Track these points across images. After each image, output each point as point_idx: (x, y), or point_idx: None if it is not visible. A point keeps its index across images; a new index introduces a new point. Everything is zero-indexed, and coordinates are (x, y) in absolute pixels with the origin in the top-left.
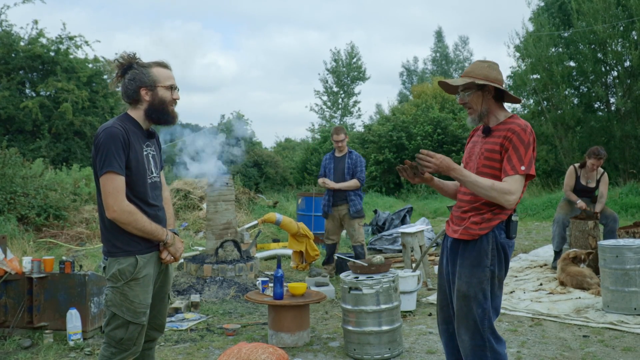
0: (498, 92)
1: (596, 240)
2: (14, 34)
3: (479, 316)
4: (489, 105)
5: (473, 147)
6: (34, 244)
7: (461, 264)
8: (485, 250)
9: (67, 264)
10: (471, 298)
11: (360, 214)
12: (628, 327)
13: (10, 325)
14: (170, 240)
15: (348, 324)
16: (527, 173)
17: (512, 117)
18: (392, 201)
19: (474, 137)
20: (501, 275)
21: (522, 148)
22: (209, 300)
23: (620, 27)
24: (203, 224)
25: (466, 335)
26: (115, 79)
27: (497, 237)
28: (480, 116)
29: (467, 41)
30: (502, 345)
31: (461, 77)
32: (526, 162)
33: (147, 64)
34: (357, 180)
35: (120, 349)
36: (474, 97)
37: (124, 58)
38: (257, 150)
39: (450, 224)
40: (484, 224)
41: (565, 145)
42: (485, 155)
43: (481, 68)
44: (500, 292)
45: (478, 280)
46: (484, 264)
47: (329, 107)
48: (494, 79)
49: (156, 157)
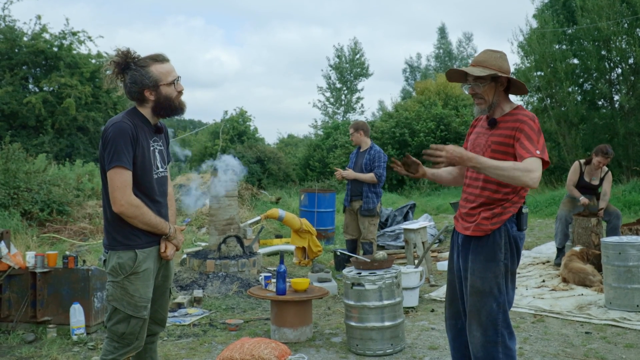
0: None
1: (599, 237)
2: (17, 30)
3: (494, 311)
4: (499, 97)
5: (477, 138)
6: (38, 239)
7: (474, 260)
8: (499, 245)
9: (70, 259)
10: (486, 293)
11: (371, 213)
12: (630, 324)
13: (14, 319)
14: (173, 234)
15: (350, 319)
16: (542, 157)
17: (518, 109)
18: (395, 197)
19: (477, 127)
20: (514, 269)
21: (533, 135)
22: (212, 296)
23: (625, 24)
24: (206, 220)
25: (478, 331)
26: (112, 76)
27: (509, 230)
28: (490, 107)
29: (470, 38)
30: (514, 341)
31: (474, 67)
32: (540, 147)
33: (144, 61)
34: (373, 175)
35: (122, 343)
36: (487, 88)
37: (119, 55)
38: (259, 146)
39: (459, 220)
40: (495, 218)
41: (569, 143)
42: (492, 148)
43: (495, 59)
44: (513, 285)
45: (493, 274)
46: (498, 258)
47: (332, 103)
48: (506, 70)
49: (163, 152)
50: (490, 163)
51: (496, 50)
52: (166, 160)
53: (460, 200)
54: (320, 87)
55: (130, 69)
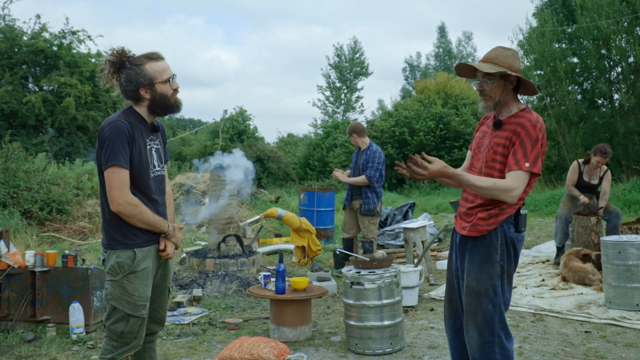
0: (516, 83)
1: (599, 236)
2: (17, 29)
3: (489, 312)
4: (507, 96)
5: (482, 138)
6: (37, 238)
7: (470, 260)
8: (495, 246)
9: (69, 258)
10: (481, 294)
11: (370, 212)
12: (630, 323)
13: (14, 318)
14: (172, 232)
15: (350, 318)
16: (531, 171)
17: (524, 111)
18: (395, 197)
19: (483, 125)
20: (510, 270)
21: (529, 144)
22: (211, 295)
23: (625, 22)
24: (205, 219)
25: (474, 331)
26: (107, 75)
27: (506, 231)
28: (496, 105)
29: (470, 37)
30: (511, 342)
31: (484, 63)
32: (531, 159)
33: (139, 60)
34: (365, 177)
35: (121, 342)
36: (496, 86)
37: (114, 54)
38: (259, 145)
39: (458, 219)
40: (492, 219)
41: (569, 141)
42: (494, 150)
43: (506, 56)
44: (509, 287)
45: (488, 275)
46: (493, 259)
47: (332, 102)
48: (517, 68)
49: (160, 150)
50: (471, 182)
51: (508, 47)
52: (163, 159)
53: (460, 199)
54: (320, 86)
55: (125, 67)
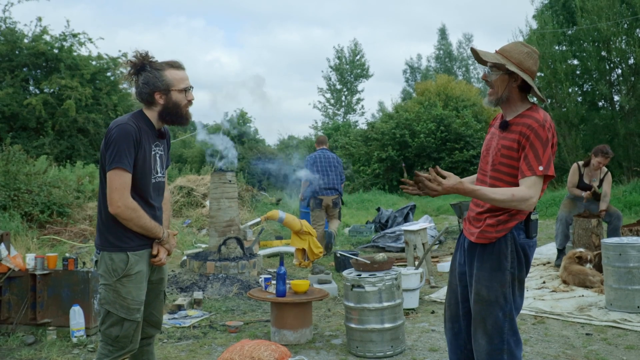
0: (525, 83)
1: (599, 238)
2: (17, 31)
3: (500, 319)
4: (511, 93)
5: (491, 140)
6: (38, 240)
7: (479, 268)
8: (505, 253)
9: (70, 261)
10: (492, 302)
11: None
12: (631, 325)
13: (14, 321)
14: (166, 238)
15: (350, 321)
16: (545, 174)
17: (531, 110)
18: (395, 199)
19: (492, 127)
20: (522, 277)
21: (540, 146)
22: (212, 298)
23: (625, 24)
24: (206, 221)
25: (483, 339)
26: (127, 76)
27: (516, 238)
28: (498, 101)
29: (471, 39)
30: (520, 349)
31: (495, 53)
32: (544, 162)
33: (160, 65)
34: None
35: (116, 346)
36: (499, 80)
37: (137, 57)
38: (260, 147)
39: (467, 223)
40: (500, 226)
41: (569, 143)
42: (501, 152)
43: (519, 52)
44: (521, 292)
45: (499, 284)
46: (503, 267)
47: (332, 104)
48: (527, 68)
49: (163, 157)
50: (489, 196)
51: (528, 45)
52: (165, 165)
53: (470, 203)
54: (320, 88)
55: (145, 70)
